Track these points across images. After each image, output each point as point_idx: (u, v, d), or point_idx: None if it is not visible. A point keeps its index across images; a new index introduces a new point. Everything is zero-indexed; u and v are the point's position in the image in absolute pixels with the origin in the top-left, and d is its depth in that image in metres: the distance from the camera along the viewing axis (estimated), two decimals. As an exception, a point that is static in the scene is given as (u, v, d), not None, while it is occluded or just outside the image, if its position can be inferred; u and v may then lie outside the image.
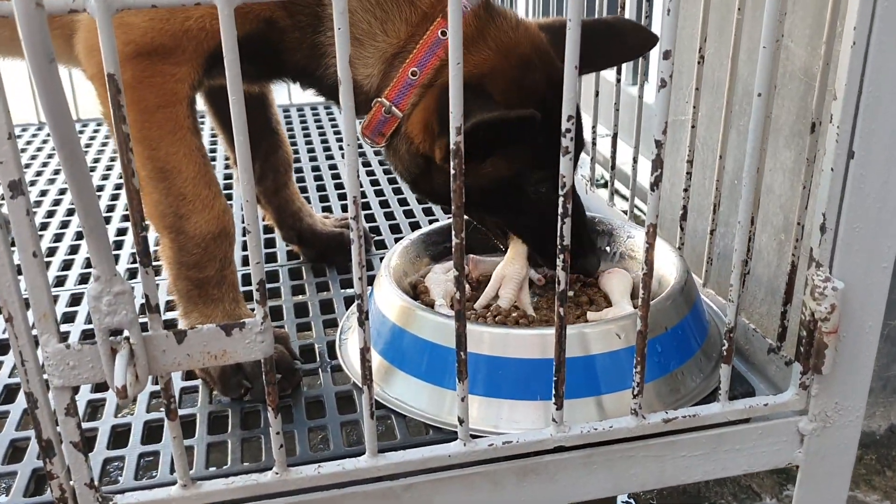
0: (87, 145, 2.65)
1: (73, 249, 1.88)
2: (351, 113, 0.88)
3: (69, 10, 0.80)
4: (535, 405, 1.19)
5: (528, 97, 1.23)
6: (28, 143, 2.68)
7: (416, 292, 1.46)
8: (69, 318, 1.58)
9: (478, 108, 1.14)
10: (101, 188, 2.27)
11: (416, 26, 1.24)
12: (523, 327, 1.33)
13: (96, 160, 2.51)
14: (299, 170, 2.31)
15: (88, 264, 1.71)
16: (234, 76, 0.84)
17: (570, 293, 1.48)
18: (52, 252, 1.87)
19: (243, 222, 0.91)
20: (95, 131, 2.77)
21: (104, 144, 2.64)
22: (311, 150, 2.50)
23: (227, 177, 2.24)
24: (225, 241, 1.26)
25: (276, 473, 1.02)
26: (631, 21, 1.46)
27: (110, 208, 2.12)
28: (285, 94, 2.85)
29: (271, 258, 1.80)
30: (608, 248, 1.57)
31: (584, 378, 1.19)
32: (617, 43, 1.38)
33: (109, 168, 2.42)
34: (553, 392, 1.06)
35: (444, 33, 1.22)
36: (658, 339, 1.23)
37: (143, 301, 0.89)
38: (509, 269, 1.41)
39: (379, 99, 1.26)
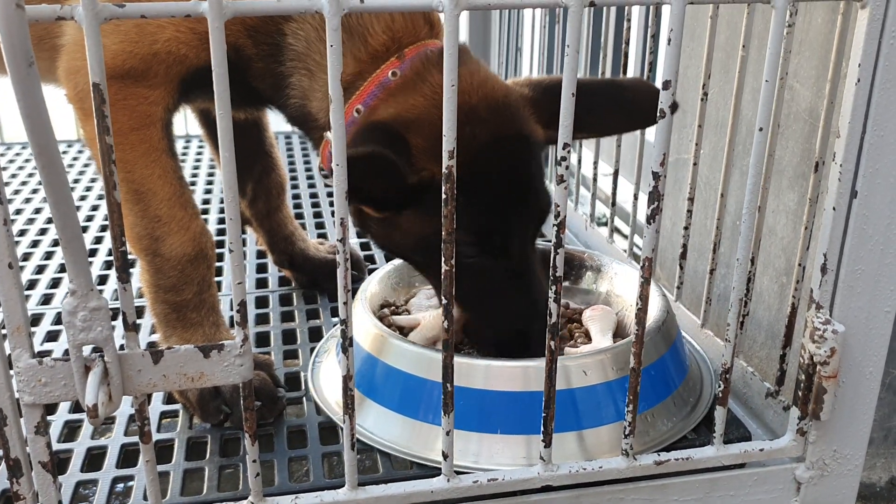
0: (86, 166, 2.64)
1: (63, 268, 1.85)
2: (341, 131, 0.86)
3: (56, 18, 0.79)
4: (515, 440, 1.15)
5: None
6: (26, 160, 2.68)
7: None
8: (53, 336, 1.56)
9: (366, 160, 1.09)
10: (95, 208, 2.26)
11: (364, 63, 1.21)
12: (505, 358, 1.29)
13: (93, 180, 2.49)
14: (297, 196, 2.30)
15: (77, 283, 1.69)
16: (221, 91, 0.82)
17: None
18: (41, 270, 1.85)
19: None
20: (96, 152, 2.77)
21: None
22: (310, 177, 2.48)
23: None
24: (202, 264, 1.23)
25: (252, 503, 0.99)
26: (648, 85, 1.33)
27: (104, 227, 2.10)
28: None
29: (262, 283, 1.77)
30: (595, 285, 1.54)
31: (518, 415, 1.17)
32: (626, 109, 1.28)
33: (107, 189, 2.40)
34: (542, 429, 1.03)
35: (394, 74, 1.19)
36: (613, 384, 1.20)
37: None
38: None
39: (326, 133, 1.23)
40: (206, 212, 2.23)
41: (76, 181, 2.48)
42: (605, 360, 1.20)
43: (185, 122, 2.83)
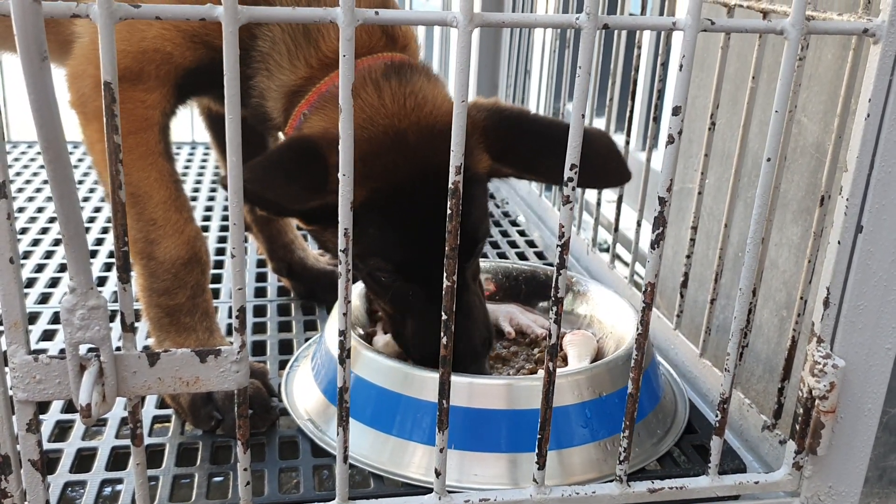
0: (91, 167, 2.64)
1: (64, 267, 1.85)
2: (349, 141, 0.85)
3: (71, 15, 0.79)
4: (497, 457, 1.15)
5: (369, 176, 1.14)
6: (32, 159, 2.68)
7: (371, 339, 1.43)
8: (49, 335, 1.55)
9: (269, 168, 1.09)
10: (98, 210, 2.26)
11: (314, 70, 1.21)
12: (488, 377, 1.28)
13: (97, 182, 2.49)
14: (300, 207, 2.29)
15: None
16: (232, 94, 0.82)
17: (535, 351, 1.45)
18: (40, 268, 1.85)
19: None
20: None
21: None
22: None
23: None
24: (196, 268, 1.23)
25: (240, 512, 0.98)
26: (609, 143, 1.24)
27: (105, 230, 2.10)
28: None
29: (261, 292, 1.77)
30: (577, 309, 1.54)
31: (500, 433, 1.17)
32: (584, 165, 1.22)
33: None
34: (536, 450, 1.02)
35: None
36: (587, 405, 1.19)
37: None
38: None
39: (279, 134, 1.24)
40: (208, 219, 2.23)
41: (80, 182, 2.48)
42: (580, 381, 1.20)
43: (192, 128, 2.84)
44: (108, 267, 1.87)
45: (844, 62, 1.14)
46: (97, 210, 2.24)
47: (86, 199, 2.34)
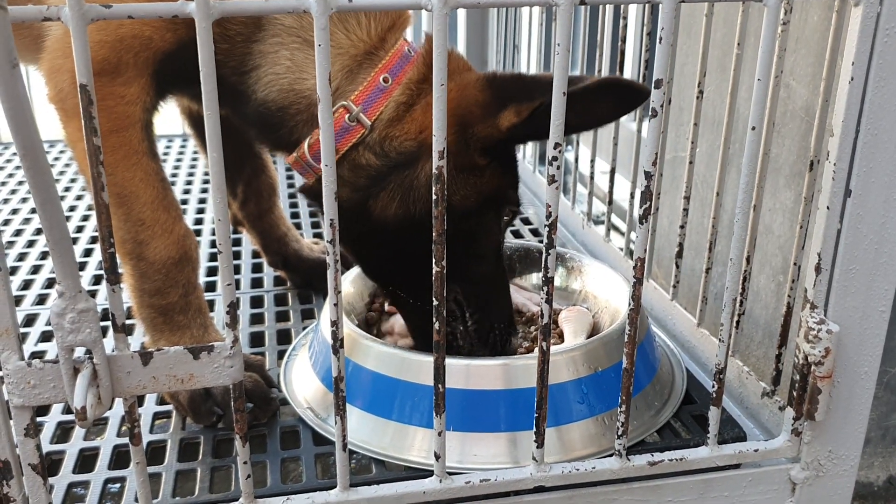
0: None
1: (60, 268, 1.85)
2: (330, 131, 0.85)
3: (42, 19, 0.78)
4: (497, 437, 1.16)
5: None
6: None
7: (369, 324, 1.44)
8: (48, 336, 1.56)
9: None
10: (91, 207, 2.25)
11: (386, 31, 1.22)
12: (484, 358, 1.29)
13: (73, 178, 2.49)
14: (294, 195, 2.29)
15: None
16: (209, 90, 0.81)
17: (532, 329, 1.45)
18: (36, 270, 1.85)
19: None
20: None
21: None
22: (308, 177, 2.47)
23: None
24: (187, 266, 1.22)
25: (242, 504, 0.98)
26: (622, 78, 1.41)
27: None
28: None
29: (257, 283, 1.77)
30: (571, 284, 1.54)
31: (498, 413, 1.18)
32: (608, 101, 1.18)
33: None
34: (534, 429, 1.02)
35: (409, 50, 1.23)
36: (583, 381, 1.20)
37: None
38: None
39: (344, 103, 1.18)
40: (202, 211, 2.23)
41: (73, 181, 2.48)
42: (575, 357, 1.21)
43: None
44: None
45: (831, 23, 1.13)
46: (91, 208, 2.24)
47: (79, 198, 2.33)
